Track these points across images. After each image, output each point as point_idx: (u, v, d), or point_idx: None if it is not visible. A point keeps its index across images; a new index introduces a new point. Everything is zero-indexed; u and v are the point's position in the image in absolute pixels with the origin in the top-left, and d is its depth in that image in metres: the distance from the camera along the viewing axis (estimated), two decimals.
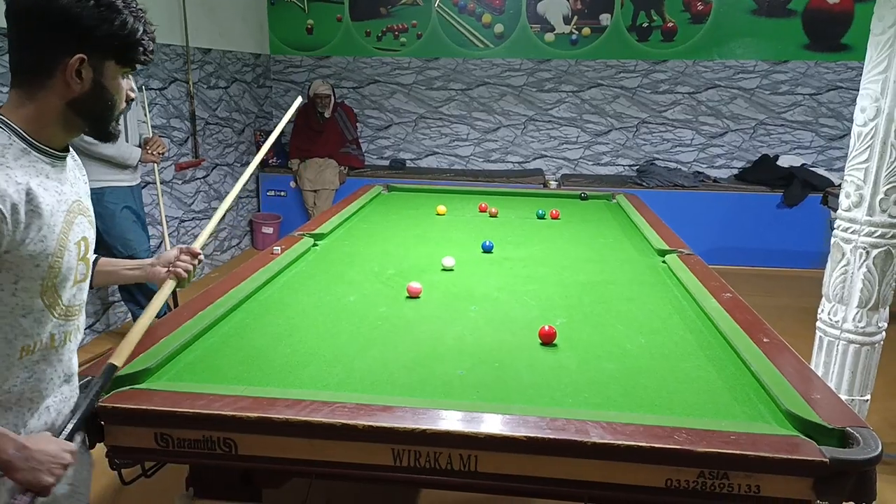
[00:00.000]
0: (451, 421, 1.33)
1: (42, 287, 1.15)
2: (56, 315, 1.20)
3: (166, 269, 1.58)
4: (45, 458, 1.11)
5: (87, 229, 1.24)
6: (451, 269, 2.47)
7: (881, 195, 2.36)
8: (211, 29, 5.03)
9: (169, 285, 1.56)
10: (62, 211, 1.16)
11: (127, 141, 3.45)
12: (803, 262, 5.40)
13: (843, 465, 1.21)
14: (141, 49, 1.20)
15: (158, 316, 1.63)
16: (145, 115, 3.78)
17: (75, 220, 1.20)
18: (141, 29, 1.19)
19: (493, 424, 1.31)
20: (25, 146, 1.12)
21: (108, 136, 1.24)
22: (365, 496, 2.34)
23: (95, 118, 1.20)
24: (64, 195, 1.18)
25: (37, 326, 1.17)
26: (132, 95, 1.27)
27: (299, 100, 1.76)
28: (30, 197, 1.09)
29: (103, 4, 1.12)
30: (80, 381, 1.36)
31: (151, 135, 3.77)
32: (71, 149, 1.26)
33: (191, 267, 1.61)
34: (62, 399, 1.28)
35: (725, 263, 5.27)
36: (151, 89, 4.25)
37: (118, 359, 1.35)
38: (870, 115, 2.34)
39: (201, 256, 1.65)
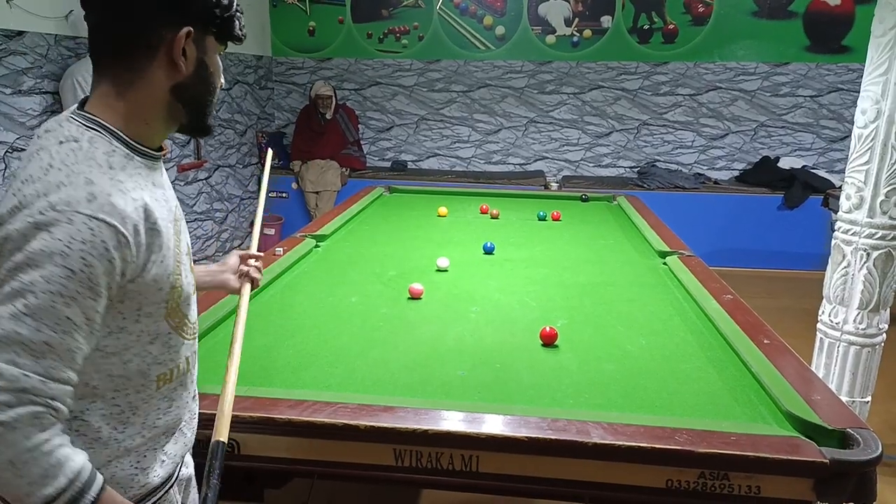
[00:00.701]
0: (452, 421, 1.34)
1: (167, 310, 1.00)
2: (187, 336, 1.09)
3: (237, 274, 1.45)
4: None
5: (188, 235, 1.10)
6: (446, 270, 2.47)
7: (882, 197, 2.37)
8: None
9: (246, 289, 1.44)
10: (171, 221, 1.00)
11: None
12: (804, 264, 5.40)
13: (844, 466, 1.22)
14: (237, 24, 1.04)
15: None
16: None
17: (181, 227, 1.05)
18: (236, 1, 1.04)
19: (494, 425, 1.32)
20: (128, 151, 0.95)
21: (208, 129, 1.07)
22: (367, 496, 2.35)
23: (199, 105, 1.02)
24: (168, 202, 1.02)
25: (169, 352, 1.04)
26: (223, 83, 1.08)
27: (270, 153, 1.77)
28: (147, 213, 0.93)
29: None
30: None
31: None
32: None
33: (261, 268, 1.52)
34: (191, 415, 1.17)
35: (726, 265, 5.26)
36: None
37: (223, 434, 1.13)
38: (870, 117, 2.35)
39: (262, 256, 1.56)
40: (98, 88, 0.96)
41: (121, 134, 0.95)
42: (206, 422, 1.34)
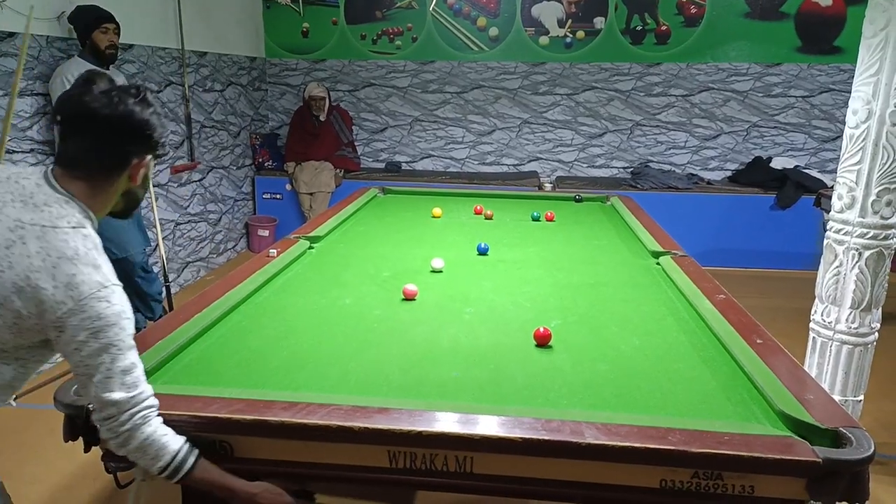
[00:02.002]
0: (446, 422, 1.34)
1: None
2: None
3: None
4: None
5: None
6: (440, 271, 2.47)
7: (873, 197, 2.38)
8: (206, 32, 5.03)
9: None
10: None
11: None
12: (796, 264, 5.43)
13: (836, 466, 1.22)
14: (166, 144, 1.42)
15: (155, 319, 1.64)
16: None
17: None
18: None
19: (488, 426, 1.32)
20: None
21: (131, 215, 1.46)
22: (362, 497, 2.34)
23: (134, 203, 1.42)
24: None
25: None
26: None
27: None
28: None
29: (159, 112, 1.33)
30: (73, 387, 1.39)
31: None
32: None
33: None
34: None
35: (719, 265, 5.28)
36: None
37: None
38: (862, 118, 2.36)
39: None
40: (75, 183, 1.27)
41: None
42: (202, 424, 1.34)
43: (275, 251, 2.54)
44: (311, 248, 2.74)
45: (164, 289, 3.91)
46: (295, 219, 5.75)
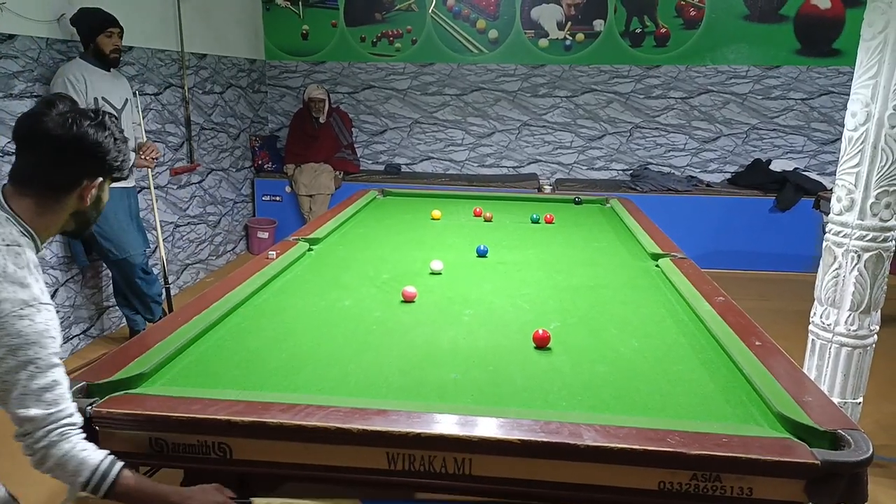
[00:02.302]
0: (445, 424, 1.34)
1: None
2: None
3: None
4: None
5: None
6: (439, 273, 2.47)
7: (872, 199, 2.38)
8: (206, 34, 5.03)
9: None
10: None
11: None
12: (796, 266, 5.43)
13: (835, 468, 1.22)
14: (126, 168, 1.42)
15: (154, 321, 1.64)
16: (139, 119, 3.78)
17: None
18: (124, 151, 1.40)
19: (486, 428, 1.32)
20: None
21: (82, 235, 1.57)
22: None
23: (86, 223, 1.42)
24: None
25: None
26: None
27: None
28: None
29: (117, 137, 1.35)
30: (73, 387, 1.37)
31: (145, 139, 3.78)
32: None
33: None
34: None
35: (719, 267, 5.29)
36: (146, 94, 4.26)
37: None
38: (860, 120, 2.36)
39: None
40: (23, 200, 1.31)
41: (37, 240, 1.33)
42: (200, 426, 1.34)
43: (274, 253, 2.54)
44: (310, 250, 2.74)
45: (163, 290, 3.91)
46: (294, 221, 5.75)
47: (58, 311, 1.35)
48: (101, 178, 1.35)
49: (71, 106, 1.32)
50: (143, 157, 3.61)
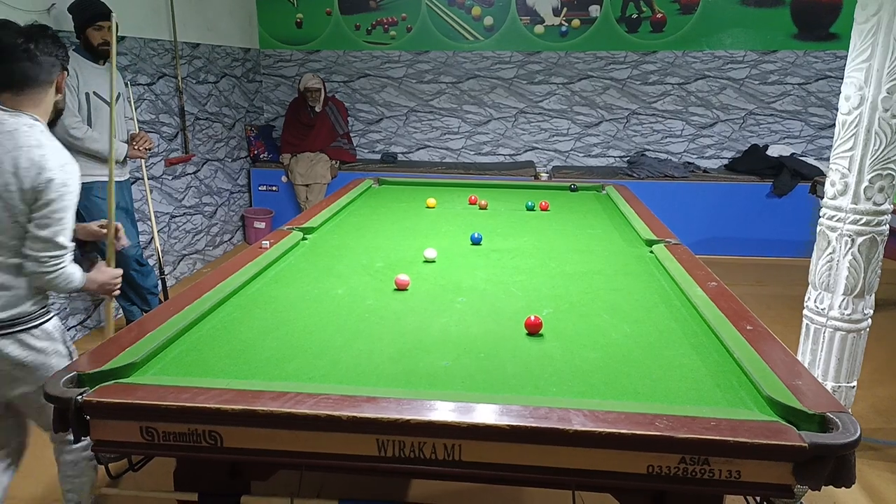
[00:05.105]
0: (434, 411, 1.34)
1: None
2: None
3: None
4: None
5: None
6: (433, 261, 2.47)
7: (866, 183, 2.38)
8: (199, 23, 5.00)
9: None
10: None
11: (115, 136, 3.44)
12: (793, 251, 5.43)
13: (822, 450, 1.23)
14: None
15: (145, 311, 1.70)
16: (132, 110, 3.76)
17: None
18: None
19: (476, 414, 1.32)
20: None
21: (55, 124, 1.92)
22: (357, 486, 2.35)
23: (59, 111, 1.92)
24: None
25: None
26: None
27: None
28: None
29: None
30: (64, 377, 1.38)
31: (138, 130, 3.76)
32: None
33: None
34: None
35: (716, 253, 5.29)
36: (140, 84, 4.23)
37: None
38: (854, 104, 2.35)
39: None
40: (23, 100, 1.78)
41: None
42: (191, 414, 1.34)
43: (268, 243, 2.54)
44: (304, 239, 2.74)
45: (159, 282, 3.91)
46: (291, 211, 5.75)
47: (54, 304, 1.46)
48: (65, 70, 1.87)
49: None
50: (135, 147, 3.59)
